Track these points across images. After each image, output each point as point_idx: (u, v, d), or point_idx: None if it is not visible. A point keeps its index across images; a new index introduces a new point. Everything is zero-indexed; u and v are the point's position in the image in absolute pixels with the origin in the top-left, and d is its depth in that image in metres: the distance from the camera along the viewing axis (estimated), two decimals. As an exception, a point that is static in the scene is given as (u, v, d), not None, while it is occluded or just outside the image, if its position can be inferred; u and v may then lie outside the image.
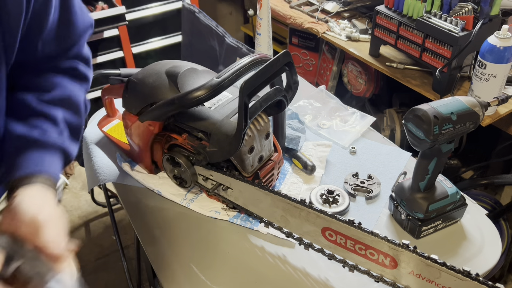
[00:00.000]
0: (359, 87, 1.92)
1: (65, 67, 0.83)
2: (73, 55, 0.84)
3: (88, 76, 0.88)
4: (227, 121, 0.87)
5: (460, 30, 1.31)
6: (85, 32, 0.84)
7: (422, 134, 0.80)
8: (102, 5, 2.09)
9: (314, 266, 0.86)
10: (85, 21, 0.84)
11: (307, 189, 1.04)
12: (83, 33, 0.84)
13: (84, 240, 2.09)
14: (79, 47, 0.85)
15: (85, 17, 0.84)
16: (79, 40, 0.84)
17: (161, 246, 0.92)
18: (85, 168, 1.18)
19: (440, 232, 0.92)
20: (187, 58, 2.10)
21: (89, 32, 0.87)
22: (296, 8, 1.97)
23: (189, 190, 1.03)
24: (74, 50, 0.83)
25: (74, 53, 0.84)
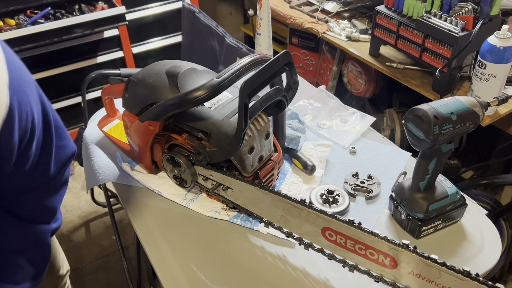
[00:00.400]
0: (359, 87, 1.92)
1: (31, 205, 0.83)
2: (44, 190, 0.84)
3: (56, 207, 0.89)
4: (227, 121, 0.87)
5: (460, 30, 1.31)
6: (60, 168, 0.84)
7: (422, 134, 0.80)
8: (102, 5, 2.09)
9: (314, 266, 0.86)
10: (61, 157, 0.84)
11: (307, 189, 1.04)
12: (58, 170, 0.84)
13: (84, 240, 2.09)
14: (55, 182, 0.85)
15: (62, 154, 0.84)
16: (54, 178, 0.83)
17: (161, 246, 0.92)
18: (84, 168, 1.18)
19: (440, 232, 0.92)
20: (187, 58, 2.10)
21: (67, 163, 0.87)
22: (296, 8, 1.97)
23: (189, 190, 1.03)
24: (46, 186, 0.84)
25: (46, 188, 0.84)
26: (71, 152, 0.87)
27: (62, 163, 0.85)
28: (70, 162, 0.88)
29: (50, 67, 2.17)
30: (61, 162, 0.84)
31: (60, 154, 0.83)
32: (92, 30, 2.02)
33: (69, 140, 0.87)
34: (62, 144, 0.84)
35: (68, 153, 0.86)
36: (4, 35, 1.82)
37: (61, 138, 0.84)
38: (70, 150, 0.87)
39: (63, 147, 0.84)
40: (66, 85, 2.27)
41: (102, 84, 2.34)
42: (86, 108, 1.62)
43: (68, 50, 2.17)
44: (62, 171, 0.86)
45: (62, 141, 0.84)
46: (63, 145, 0.85)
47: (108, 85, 1.15)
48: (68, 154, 0.86)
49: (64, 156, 0.85)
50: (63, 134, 0.85)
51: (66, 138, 0.86)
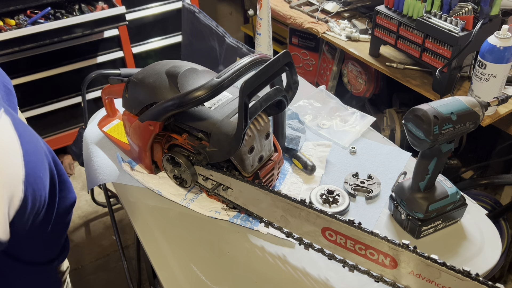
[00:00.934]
0: (359, 87, 1.92)
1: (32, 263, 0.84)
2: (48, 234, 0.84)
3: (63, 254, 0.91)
4: (227, 121, 0.87)
5: (460, 30, 1.31)
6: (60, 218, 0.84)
7: (422, 134, 0.80)
8: (102, 5, 2.09)
9: (314, 266, 0.86)
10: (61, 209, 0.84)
11: (307, 189, 1.04)
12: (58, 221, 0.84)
13: (84, 240, 2.09)
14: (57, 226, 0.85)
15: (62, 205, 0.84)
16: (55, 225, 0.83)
17: (161, 246, 0.92)
18: (85, 168, 1.18)
19: (440, 232, 0.92)
20: (187, 58, 2.10)
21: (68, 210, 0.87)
22: (296, 8, 1.97)
23: (189, 190, 1.03)
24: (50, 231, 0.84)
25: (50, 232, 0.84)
26: (71, 202, 0.88)
27: (63, 212, 0.85)
28: (71, 211, 0.89)
29: (50, 67, 2.17)
30: (60, 213, 0.84)
31: (61, 205, 0.84)
32: (92, 30, 2.02)
33: (70, 191, 0.88)
34: (63, 196, 0.84)
35: (68, 204, 0.87)
36: (4, 35, 1.82)
37: (62, 190, 0.84)
38: (70, 200, 0.87)
39: (63, 198, 0.85)
40: (66, 85, 2.27)
41: (102, 84, 2.34)
42: (86, 108, 1.62)
43: (68, 50, 2.17)
44: (63, 219, 0.86)
45: (63, 192, 0.84)
46: (63, 196, 0.85)
47: (108, 85, 1.15)
48: (68, 205, 0.87)
49: (64, 206, 0.85)
50: (65, 186, 0.85)
51: (67, 189, 0.86)
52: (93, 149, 1.17)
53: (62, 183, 0.83)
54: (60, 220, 0.85)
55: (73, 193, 0.89)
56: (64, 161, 2.46)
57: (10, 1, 1.90)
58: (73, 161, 2.48)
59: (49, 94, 2.25)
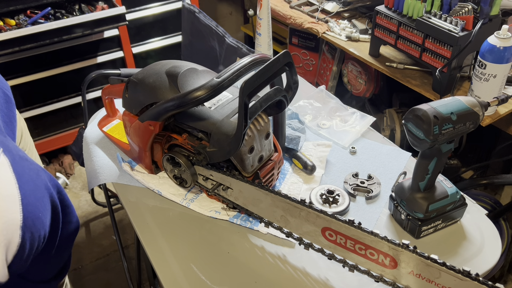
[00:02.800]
0: (359, 87, 1.92)
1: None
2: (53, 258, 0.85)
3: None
4: (227, 121, 0.87)
5: (460, 30, 1.31)
6: (62, 243, 0.84)
7: (422, 134, 0.80)
8: (102, 5, 2.09)
9: (314, 266, 0.86)
10: (66, 234, 0.84)
11: (307, 189, 1.04)
12: (61, 246, 0.84)
13: (84, 240, 2.09)
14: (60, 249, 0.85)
15: (67, 231, 0.84)
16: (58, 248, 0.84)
17: (161, 246, 0.92)
18: (85, 168, 1.18)
19: (440, 232, 0.92)
20: (187, 58, 2.10)
21: (73, 236, 0.87)
22: (296, 8, 1.98)
23: (189, 190, 1.03)
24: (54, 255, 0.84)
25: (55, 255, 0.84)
26: (74, 227, 0.88)
27: (65, 238, 0.85)
28: (75, 236, 0.88)
29: (50, 67, 2.17)
30: (64, 238, 0.84)
31: (64, 230, 0.83)
32: (92, 30, 2.02)
33: (74, 216, 0.87)
34: (67, 221, 0.84)
35: (72, 228, 0.87)
36: (4, 35, 1.82)
37: (66, 215, 0.84)
38: (74, 225, 0.87)
39: (67, 223, 0.84)
40: (66, 85, 2.27)
41: (102, 84, 2.34)
42: (86, 108, 1.62)
43: (68, 50, 2.17)
44: (67, 243, 0.86)
45: (66, 217, 0.84)
46: (68, 221, 0.85)
47: (108, 85, 1.15)
48: (72, 229, 0.87)
49: (67, 233, 0.85)
50: (68, 211, 0.85)
51: (71, 214, 0.86)
52: (93, 149, 1.17)
53: (65, 208, 0.82)
54: (64, 243, 0.85)
55: (77, 218, 0.88)
56: (64, 161, 2.46)
57: (10, 1, 1.90)
58: (73, 161, 2.48)
59: (49, 94, 2.25)
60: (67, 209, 0.84)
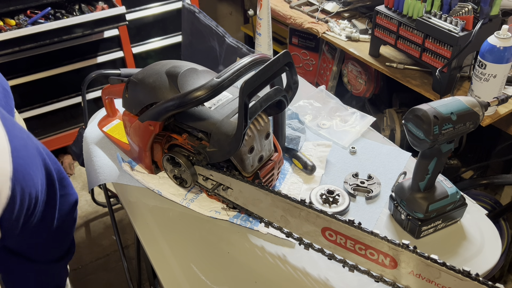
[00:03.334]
0: (359, 87, 1.92)
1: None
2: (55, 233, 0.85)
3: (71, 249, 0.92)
4: (227, 121, 0.87)
5: (460, 30, 1.31)
6: (64, 217, 0.85)
7: (422, 134, 0.80)
8: (102, 5, 2.09)
9: (314, 266, 0.86)
10: (64, 207, 0.84)
11: (307, 189, 1.04)
12: (63, 219, 0.84)
13: (84, 240, 2.09)
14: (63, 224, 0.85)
15: (65, 204, 0.84)
16: (60, 224, 0.84)
17: (161, 246, 0.92)
18: (86, 168, 1.18)
19: (440, 232, 0.92)
20: (187, 58, 2.10)
21: (72, 210, 0.87)
22: (296, 8, 1.97)
23: (189, 190, 1.03)
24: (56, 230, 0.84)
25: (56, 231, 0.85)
26: (74, 199, 0.88)
27: (66, 210, 0.85)
28: (75, 207, 0.89)
29: (50, 67, 2.17)
30: (64, 210, 0.84)
31: (63, 203, 0.84)
32: (92, 30, 2.02)
33: (72, 188, 0.88)
34: (65, 193, 0.84)
35: (71, 201, 0.87)
36: (4, 35, 1.82)
37: (64, 187, 0.84)
38: (73, 198, 0.88)
39: (65, 195, 0.85)
40: (66, 85, 2.27)
41: (102, 84, 2.34)
42: (86, 108, 1.62)
43: (68, 50, 2.17)
44: (69, 217, 0.86)
45: (64, 190, 0.84)
46: (66, 194, 0.85)
47: (108, 85, 1.15)
48: (71, 202, 0.87)
49: (67, 205, 0.85)
50: (65, 183, 0.85)
51: (69, 186, 0.86)
52: (93, 149, 1.17)
53: (62, 181, 0.82)
54: (66, 218, 0.85)
55: (74, 191, 0.89)
56: (64, 161, 2.46)
57: (10, 1, 1.90)
58: (73, 161, 2.48)
59: (49, 94, 2.25)
60: (64, 181, 0.84)
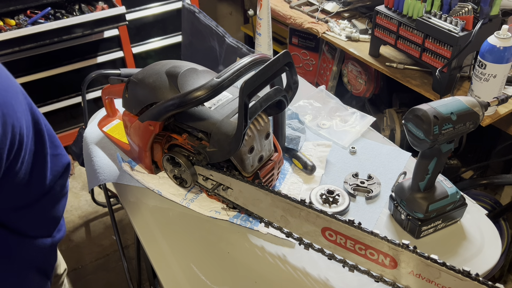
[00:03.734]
0: (359, 87, 1.92)
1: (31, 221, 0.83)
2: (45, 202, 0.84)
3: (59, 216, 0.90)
4: (227, 121, 0.87)
5: (460, 30, 1.31)
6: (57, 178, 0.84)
7: (422, 134, 0.80)
8: (102, 5, 2.09)
9: (314, 266, 0.86)
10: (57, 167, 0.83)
11: (307, 189, 1.04)
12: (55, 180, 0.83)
13: (84, 240, 2.09)
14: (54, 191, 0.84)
15: (58, 163, 0.84)
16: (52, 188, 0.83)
17: (161, 246, 0.92)
18: (85, 168, 1.18)
19: (440, 232, 0.92)
20: (187, 58, 2.10)
21: (65, 174, 0.86)
22: (296, 8, 1.98)
23: (189, 190, 1.03)
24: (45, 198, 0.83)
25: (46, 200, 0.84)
26: (66, 161, 0.87)
27: (59, 172, 0.85)
28: (68, 172, 0.88)
29: (50, 67, 2.17)
30: (57, 171, 0.84)
31: (55, 163, 0.83)
32: (92, 30, 2.02)
33: (63, 150, 0.87)
34: (57, 153, 0.84)
35: (64, 162, 0.86)
36: (4, 35, 1.82)
37: (56, 147, 0.84)
38: (65, 159, 0.87)
39: (58, 155, 0.84)
40: (66, 85, 2.27)
41: (102, 84, 2.34)
42: (86, 108, 1.62)
43: (68, 50, 2.18)
44: (61, 181, 0.86)
45: (56, 150, 0.84)
46: (58, 154, 0.84)
47: (108, 85, 1.15)
48: (64, 163, 0.86)
49: (60, 165, 0.85)
50: (57, 143, 0.85)
51: (60, 147, 0.86)
52: (93, 149, 1.17)
53: (53, 140, 0.82)
54: (58, 181, 0.84)
55: (66, 153, 0.87)
56: (64, 161, 2.45)
57: (10, 1, 1.91)
58: (73, 161, 2.48)
59: (49, 94, 2.25)
60: (55, 141, 0.83)
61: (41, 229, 0.87)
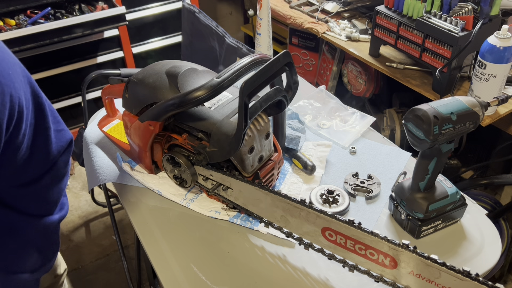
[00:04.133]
0: (359, 87, 1.92)
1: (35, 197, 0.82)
2: (48, 179, 0.83)
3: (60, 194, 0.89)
4: (227, 121, 0.87)
5: (460, 30, 1.31)
6: (61, 154, 0.83)
7: (422, 134, 0.80)
8: (102, 5, 2.09)
9: (314, 266, 0.86)
10: (61, 143, 0.83)
11: (307, 189, 1.04)
12: (59, 156, 0.83)
13: (84, 240, 2.09)
14: (57, 167, 0.83)
15: (61, 139, 0.83)
16: (55, 164, 0.82)
17: (161, 246, 0.92)
18: (85, 168, 1.18)
19: (440, 232, 0.92)
20: (187, 58, 2.10)
21: (68, 150, 0.85)
22: (296, 8, 1.98)
23: (189, 190, 1.03)
24: (49, 175, 0.82)
25: (49, 177, 0.83)
26: (69, 137, 0.86)
27: (63, 147, 0.83)
28: (71, 149, 0.86)
29: (50, 67, 2.17)
30: (61, 146, 0.82)
31: (59, 138, 0.82)
32: (92, 30, 2.02)
33: (65, 126, 0.86)
34: (60, 128, 0.83)
35: (67, 137, 0.85)
36: (4, 35, 1.82)
37: (58, 123, 0.83)
38: (68, 135, 0.86)
39: (61, 131, 0.83)
40: (66, 85, 2.27)
41: (102, 84, 2.34)
42: (86, 108, 1.62)
43: (68, 50, 2.18)
44: (64, 157, 0.84)
45: (59, 125, 0.83)
46: (61, 129, 0.83)
47: (108, 85, 1.15)
48: (67, 138, 0.85)
49: (63, 141, 0.83)
50: (59, 119, 0.84)
51: (62, 123, 0.85)
52: (93, 149, 1.17)
53: (56, 116, 0.81)
54: (62, 157, 0.83)
55: (68, 130, 0.87)
56: (64, 161, 2.45)
57: (10, 1, 1.91)
58: (73, 161, 2.48)
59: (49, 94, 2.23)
60: (58, 117, 0.82)
61: (43, 207, 0.86)
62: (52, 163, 0.82)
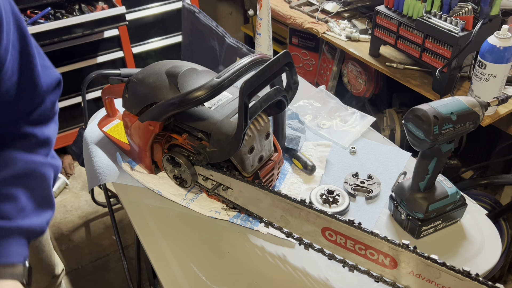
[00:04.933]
0: (359, 87, 1.92)
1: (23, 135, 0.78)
2: (36, 116, 0.80)
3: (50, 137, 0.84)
4: (227, 121, 0.87)
5: (460, 30, 1.31)
6: (49, 92, 0.81)
7: (422, 134, 0.80)
8: (102, 5, 2.09)
9: (314, 266, 0.86)
10: (49, 79, 0.81)
11: (307, 189, 1.04)
12: (47, 93, 0.81)
13: (84, 240, 2.09)
14: (44, 107, 0.81)
15: (49, 76, 0.81)
16: (43, 101, 0.80)
17: (161, 246, 0.92)
18: (85, 168, 1.18)
19: (440, 232, 0.92)
20: (187, 58, 2.10)
21: (56, 90, 0.83)
22: (296, 8, 1.98)
23: (189, 190, 1.03)
24: (37, 112, 0.79)
25: (38, 114, 0.80)
26: (58, 76, 0.83)
27: (52, 84, 0.81)
28: (59, 90, 0.84)
29: (50, 67, 2.16)
30: (50, 83, 0.80)
31: (46, 74, 0.79)
32: (92, 30, 2.02)
33: (54, 67, 0.83)
34: (47, 65, 0.81)
35: (56, 76, 0.82)
36: (4, 35, 1.82)
37: (45, 59, 0.80)
38: (56, 74, 0.83)
39: (48, 68, 0.81)
40: (66, 85, 2.25)
41: (102, 84, 2.34)
42: (86, 108, 1.62)
43: (68, 50, 2.17)
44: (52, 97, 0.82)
45: (46, 61, 0.81)
46: (48, 66, 0.81)
47: (108, 85, 1.15)
48: (56, 77, 0.82)
49: (51, 78, 0.81)
50: (46, 57, 0.81)
51: (50, 65, 0.82)
52: (93, 149, 1.17)
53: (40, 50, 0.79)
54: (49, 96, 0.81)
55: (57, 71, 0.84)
56: (64, 161, 2.46)
57: (10, 1, 1.90)
58: (73, 161, 2.48)
59: (49, 94, 2.24)
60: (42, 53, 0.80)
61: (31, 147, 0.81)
62: (40, 100, 0.79)
